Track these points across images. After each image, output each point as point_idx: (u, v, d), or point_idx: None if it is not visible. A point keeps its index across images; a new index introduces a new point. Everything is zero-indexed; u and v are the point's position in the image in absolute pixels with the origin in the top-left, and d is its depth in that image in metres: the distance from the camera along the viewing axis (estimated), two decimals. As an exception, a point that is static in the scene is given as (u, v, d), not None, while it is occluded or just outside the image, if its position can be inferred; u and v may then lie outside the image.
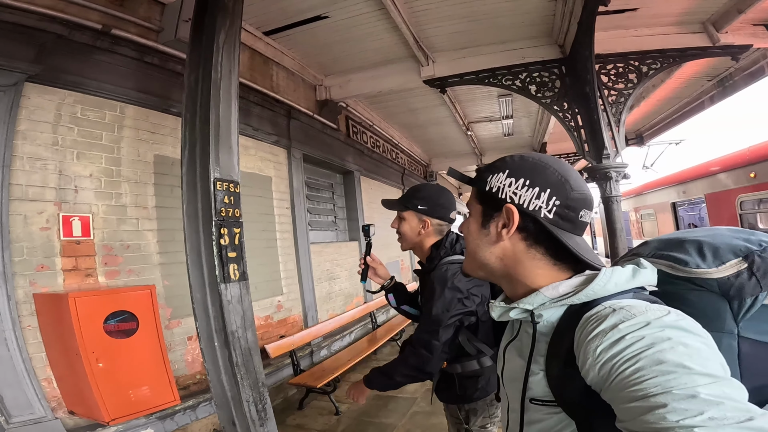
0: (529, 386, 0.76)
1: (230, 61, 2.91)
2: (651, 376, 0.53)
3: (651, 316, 0.61)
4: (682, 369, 0.52)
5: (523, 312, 0.78)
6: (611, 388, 0.58)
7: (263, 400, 2.72)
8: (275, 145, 5.44)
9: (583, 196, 0.78)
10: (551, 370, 0.73)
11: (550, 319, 0.76)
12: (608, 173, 5.08)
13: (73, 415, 2.87)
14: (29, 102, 2.94)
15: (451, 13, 5.20)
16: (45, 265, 2.89)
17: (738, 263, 0.73)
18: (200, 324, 2.61)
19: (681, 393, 0.49)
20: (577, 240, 0.78)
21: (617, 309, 0.65)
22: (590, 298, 0.71)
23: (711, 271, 0.74)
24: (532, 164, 0.80)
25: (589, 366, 0.62)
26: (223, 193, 2.65)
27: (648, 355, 0.55)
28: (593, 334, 0.63)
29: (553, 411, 0.73)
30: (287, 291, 5.31)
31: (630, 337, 0.59)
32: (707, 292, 0.74)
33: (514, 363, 0.84)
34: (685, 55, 5.71)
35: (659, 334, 0.57)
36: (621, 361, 0.58)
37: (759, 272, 0.72)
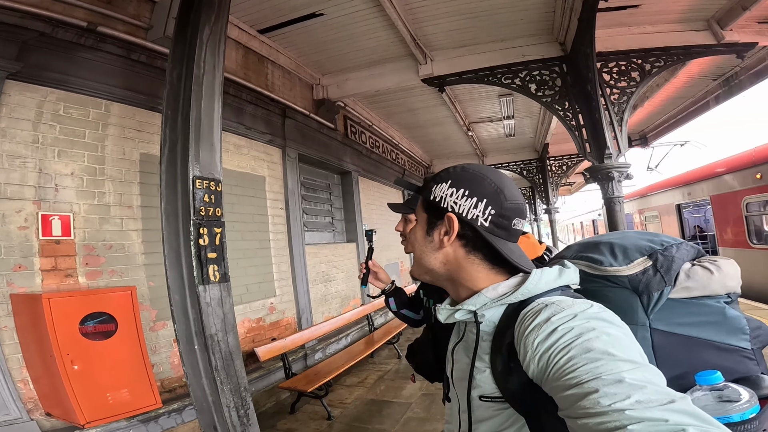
0: (477, 384, 0.79)
1: (214, 57, 2.84)
2: (582, 364, 0.57)
3: (577, 309, 0.67)
4: (608, 356, 0.56)
5: (467, 313, 0.82)
6: (549, 378, 0.62)
7: (245, 406, 2.63)
8: (269, 144, 5.36)
9: (516, 205, 0.83)
10: (496, 366, 0.76)
11: (491, 319, 0.80)
12: (610, 173, 4.95)
13: (50, 416, 2.80)
14: (10, 99, 2.89)
15: (449, 10, 5.12)
16: (23, 265, 2.83)
17: (644, 261, 0.85)
18: (179, 327, 2.53)
19: (609, 378, 0.53)
20: (511, 246, 0.84)
21: (549, 304, 0.70)
22: (525, 296, 0.76)
23: (622, 268, 0.85)
24: (472, 175, 0.85)
25: (529, 358, 0.66)
26: (203, 192, 2.57)
27: (578, 344, 0.60)
28: (530, 328, 0.68)
29: (501, 407, 0.76)
30: (280, 293, 5.22)
31: (561, 329, 0.64)
32: (621, 288, 0.85)
33: (462, 363, 0.87)
34: (689, 52, 5.60)
35: (585, 324, 0.63)
36: (555, 351, 0.62)
37: (662, 269, 0.82)
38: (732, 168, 8.22)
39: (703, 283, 0.82)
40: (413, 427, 3.93)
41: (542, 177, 12.29)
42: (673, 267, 0.83)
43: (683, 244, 0.90)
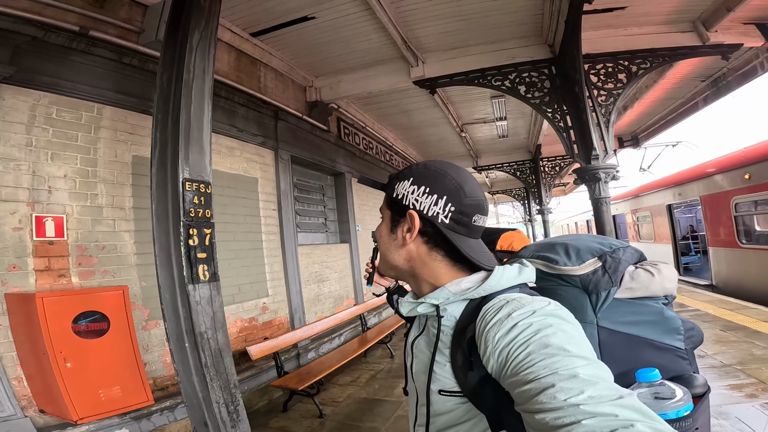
0: (436, 377, 0.80)
1: (204, 61, 2.89)
2: (539, 359, 0.59)
3: (536, 306, 0.69)
4: (564, 352, 0.59)
5: (429, 306, 0.84)
6: (508, 373, 0.64)
7: (235, 402, 2.69)
8: (261, 146, 5.42)
9: (476, 202, 0.84)
10: (456, 361, 0.77)
11: (453, 313, 0.81)
12: (597, 174, 5.03)
13: (44, 413, 2.86)
14: (3, 103, 2.94)
15: (439, 13, 5.18)
16: (17, 265, 2.88)
17: (594, 262, 0.89)
18: (169, 325, 2.59)
19: (564, 373, 0.55)
20: (471, 243, 0.85)
21: (510, 300, 0.73)
22: (487, 292, 0.78)
23: (575, 268, 0.89)
24: (433, 172, 0.86)
25: (489, 353, 0.68)
26: (192, 194, 2.63)
27: (536, 340, 0.62)
28: (492, 323, 0.70)
29: (460, 401, 0.77)
30: (273, 293, 5.28)
31: (521, 324, 0.66)
32: (572, 287, 0.89)
33: (422, 356, 0.88)
34: (675, 54, 5.68)
35: (543, 320, 0.66)
36: (515, 346, 0.64)
37: (610, 269, 0.87)
38: (721, 168, 8.31)
39: (645, 284, 0.88)
40: (403, 425, 3.99)
41: (535, 178, 12.38)
42: (620, 268, 0.88)
43: (629, 248, 0.95)
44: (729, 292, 8.10)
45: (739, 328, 5.40)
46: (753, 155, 7.41)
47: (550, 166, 12.34)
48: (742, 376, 3.85)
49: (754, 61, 6.93)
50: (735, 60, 7.00)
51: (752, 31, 5.73)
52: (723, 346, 4.75)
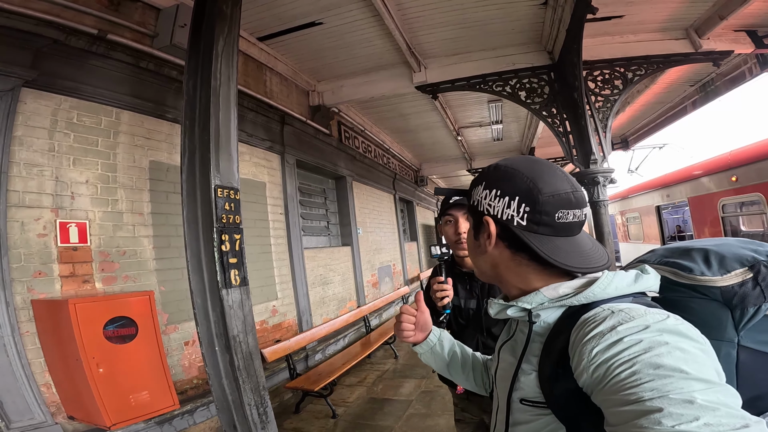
0: (520, 386, 0.76)
1: (229, 69, 2.94)
2: (647, 380, 0.53)
3: (650, 320, 0.61)
4: (679, 373, 0.52)
5: (520, 311, 0.79)
6: (604, 390, 0.58)
7: (264, 404, 2.75)
8: (269, 150, 5.47)
9: (555, 197, 0.76)
10: (543, 370, 0.72)
11: (547, 320, 0.76)
12: (596, 178, 5.20)
13: (73, 420, 2.86)
14: (26, 107, 2.94)
15: (444, 20, 5.29)
16: (42, 271, 2.88)
17: (744, 272, 0.75)
18: (201, 329, 2.63)
19: (677, 398, 0.49)
20: (559, 243, 0.77)
21: (616, 311, 0.65)
22: (589, 300, 0.71)
23: (716, 279, 0.76)
24: (503, 173, 0.81)
25: (584, 367, 0.62)
26: (224, 200, 2.68)
27: (645, 359, 0.55)
28: (590, 335, 0.63)
29: (541, 413, 0.72)
30: (282, 296, 5.32)
31: (628, 340, 0.59)
32: (709, 300, 0.76)
33: (507, 362, 0.85)
34: (669, 61, 5.85)
35: (657, 338, 0.57)
36: (617, 363, 0.57)
37: (764, 282, 0.73)
38: (708, 171, 8.54)
39: None
40: (416, 423, 4.08)
41: (528, 180, 12.57)
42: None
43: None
44: (717, 290, 8.36)
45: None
46: (739, 158, 7.65)
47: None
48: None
49: (742, 67, 7.12)
50: (724, 65, 7.18)
51: (743, 38, 5.90)
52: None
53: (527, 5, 5.07)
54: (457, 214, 1.80)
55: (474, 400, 1.92)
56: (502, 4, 5.03)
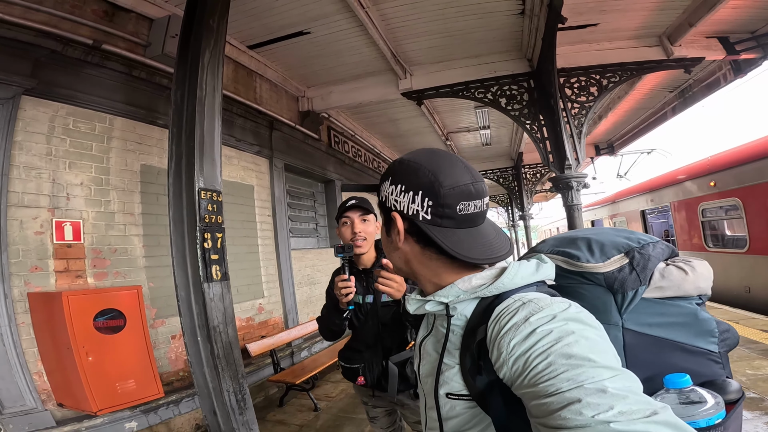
0: (445, 380, 0.77)
1: (214, 79, 3.14)
2: (562, 371, 0.55)
3: (556, 309, 0.64)
4: (588, 362, 0.54)
5: (438, 305, 0.79)
6: (524, 384, 0.59)
7: (242, 391, 2.94)
8: (257, 155, 5.69)
9: (456, 189, 0.76)
10: (465, 364, 0.73)
11: (464, 312, 0.77)
12: (569, 183, 5.41)
13: (62, 407, 3.06)
14: (25, 114, 3.16)
15: (427, 29, 5.48)
16: (39, 266, 3.10)
17: (621, 258, 0.82)
18: (185, 320, 2.83)
19: (591, 387, 0.51)
20: (462, 235, 0.78)
21: (526, 302, 0.67)
22: (500, 291, 0.73)
23: (599, 265, 0.82)
24: (407, 167, 0.81)
25: (503, 360, 0.64)
26: (206, 202, 2.89)
27: (557, 350, 0.57)
28: (506, 328, 0.65)
29: (468, 405, 0.73)
30: (268, 294, 5.53)
31: (540, 331, 0.61)
32: (595, 285, 0.83)
33: (429, 358, 0.85)
34: (642, 68, 6.02)
35: (564, 327, 0.60)
36: (533, 355, 0.59)
37: (638, 267, 0.80)
38: (690, 176, 8.73)
39: (677, 283, 0.81)
40: (394, 416, 4.27)
41: (518, 184, 12.80)
42: (649, 266, 0.82)
43: (659, 243, 0.87)
44: (696, 292, 8.57)
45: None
46: (718, 163, 7.85)
47: (531, 173, 12.81)
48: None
49: (717, 73, 7.28)
50: (700, 72, 7.36)
51: (714, 44, 6.07)
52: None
53: (506, 15, 5.25)
54: (353, 216, 1.96)
55: (382, 395, 2.03)
56: (481, 14, 5.21)
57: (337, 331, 2.03)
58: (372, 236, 2.02)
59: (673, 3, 5.26)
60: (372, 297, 2.00)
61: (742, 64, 6.46)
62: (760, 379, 3.85)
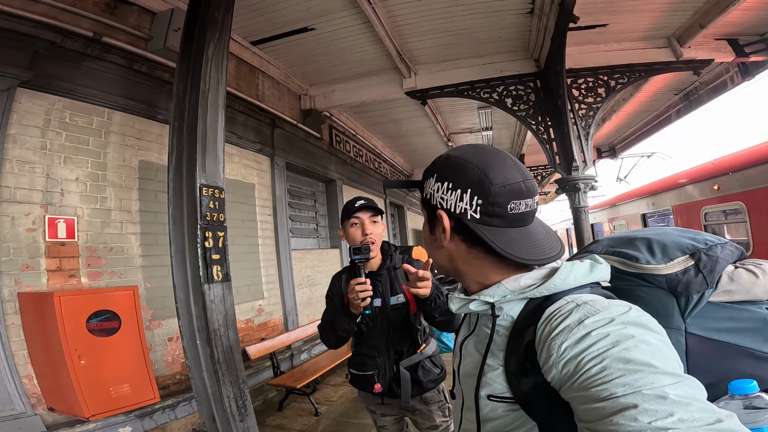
0: (487, 382, 0.74)
1: (218, 72, 3.04)
2: (618, 375, 0.52)
3: (614, 312, 0.61)
4: (648, 368, 0.52)
5: (483, 304, 0.77)
6: (574, 386, 0.57)
7: (243, 397, 2.82)
8: (259, 153, 5.58)
9: (507, 188, 0.74)
10: (510, 365, 0.71)
11: (510, 313, 0.75)
12: (577, 185, 5.34)
13: (53, 411, 2.93)
14: (20, 107, 3.04)
15: (433, 28, 5.41)
16: (30, 265, 2.97)
17: (685, 260, 0.78)
18: (183, 323, 2.72)
19: (650, 393, 0.49)
20: (513, 234, 0.75)
21: (580, 304, 0.65)
22: (551, 292, 0.71)
23: (660, 267, 0.78)
24: (453, 164, 0.79)
25: (553, 363, 0.62)
26: (208, 199, 2.77)
27: (614, 354, 0.55)
28: (558, 330, 0.63)
29: (511, 408, 0.71)
30: (268, 295, 5.41)
31: (595, 334, 0.59)
32: (656, 288, 0.78)
33: (471, 358, 0.82)
34: (651, 69, 5.97)
35: (623, 331, 0.58)
36: (587, 358, 0.57)
37: (705, 269, 0.76)
38: (692, 179, 8.68)
39: (747, 287, 0.77)
40: (397, 421, 4.16)
41: (518, 186, 12.72)
42: (717, 268, 0.78)
43: (728, 244, 0.83)
44: (699, 297, 8.52)
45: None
46: (722, 167, 7.80)
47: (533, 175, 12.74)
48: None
49: (724, 76, 7.21)
50: (706, 74, 7.29)
51: (723, 46, 6.01)
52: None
53: (513, 14, 5.17)
54: (363, 217, 1.90)
55: (391, 401, 1.94)
56: (488, 12, 5.13)
57: (344, 338, 1.93)
58: (380, 238, 1.95)
59: (685, 4, 5.20)
60: (380, 300, 1.90)
61: (750, 67, 6.41)
62: None
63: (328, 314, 1.99)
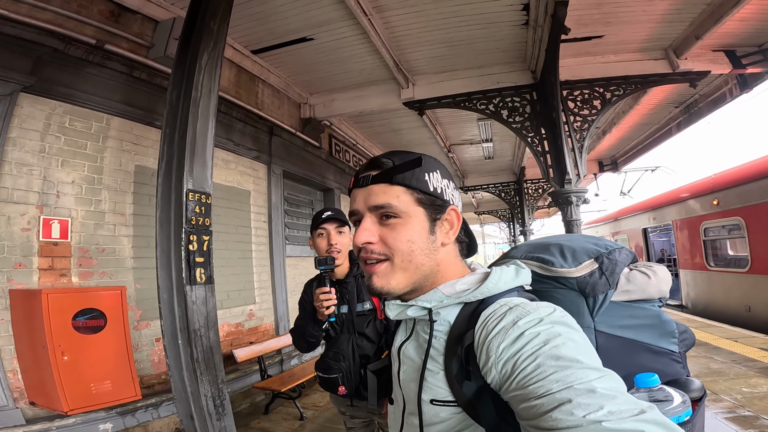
0: (429, 386, 0.75)
1: (211, 81, 3.14)
2: (551, 372, 0.56)
3: (543, 313, 0.66)
4: (577, 363, 0.56)
5: (420, 310, 0.78)
6: (513, 386, 0.60)
7: (221, 396, 2.88)
8: (255, 160, 5.68)
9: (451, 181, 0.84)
10: (450, 370, 0.72)
11: (447, 318, 0.77)
12: (569, 198, 5.34)
13: (34, 405, 3.01)
14: (22, 111, 3.17)
15: (430, 39, 5.46)
16: (23, 263, 3.08)
17: (591, 264, 0.86)
18: (165, 322, 2.79)
19: (581, 388, 0.52)
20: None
21: (513, 307, 0.69)
22: (485, 296, 0.74)
23: (572, 270, 0.85)
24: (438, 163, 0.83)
25: (492, 364, 0.64)
26: (194, 204, 2.86)
27: (545, 351, 0.59)
28: (495, 332, 0.66)
29: (453, 411, 0.72)
30: (260, 300, 5.49)
31: (528, 334, 0.62)
32: (569, 290, 0.86)
33: (412, 363, 0.83)
34: (647, 81, 5.92)
35: (551, 330, 0.62)
36: (522, 357, 0.60)
37: (607, 271, 0.84)
38: (692, 194, 8.65)
39: (641, 286, 0.86)
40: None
41: (519, 199, 12.72)
42: (617, 270, 0.85)
43: (624, 249, 0.92)
44: (697, 311, 8.49)
45: (700, 344, 5.72)
46: (721, 182, 7.77)
47: (534, 188, 12.70)
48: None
49: (723, 88, 7.13)
50: (706, 86, 7.22)
51: (720, 58, 5.95)
52: (683, 362, 5.05)
53: (509, 25, 5.21)
54: (329, 228, 1.98)
55: (360, 404, 2.00)
56: (485, 24, 5.17)
57: (314, 343, 2.04)
58: (347, 248, 2.03)
59: (680, 15, 5.17)
60: (347, 307, 1.99)
61: (748, 79, 6.34)
62: (756, 397, 3.74)
63: (300, 320, 2.09)
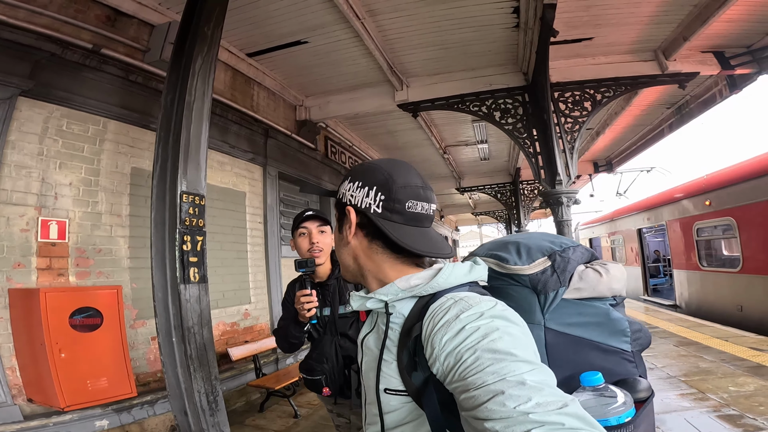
0: (384, 376, 0.79)
1: (204, 85, 3.21)
2: (488, 365, 0.59)
3: (483, 307, 0.69)
4: (510, 356, 0.59)
5: (378, 302, 0.83)
6: (455, 377, 0.63)
7: (215, 392, 2.95)
8: (251, 162, 5.76)
9: (406, 189, 0.84)
10: (402, 360, 0.76)
11: (402, 311, 0.81)
12: (560, 198, 5.41)
13: (31, 402, 3.08)
14: (20, 114, 3.25)
15: (423, 41, 5.53)
16: (21, 263, 3.16)
17: (544, 261, 0.88)
18: (160, 320, 2.87)
19: (512, 380, 0.55)
20: (408, 230, 0.83)
21: (457, 300, 0.72)
22: (435, 290, 0.78)
23: (525, 267, 0.88)
24: (366, 168, 0.88)
25: (436, 355, 0.68)
26: (188, 205, 2.94)
27: (483, 345, 0.62)
28: (439, 325, 0.69)
29: (404, 401, 0.76)
30: (255, 300, 5.57)
31: (468, 327, 0.65)
32: (522, 287, 0.89)
33: (371, 354, 0.87)
34: (637, 82, 5.99)
35: (490, 324, 0.65)
36: (463, 350, 0.63)
37: (559, 269, 0.87)
38: (685, 195, 8.71)
39: (592, 284, 0.87)
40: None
41: (515, 200, 12.78)
42: (569, 268, 0.88)
43: (579, 247, 0.94)
44: (690, 311, 8.55)
45: (691, 343, 5.80)
46: (713, 182, 7.83)
47: (529, 189, 12.74)
48: (684, 387, 4.17)
49: (713, 89, 7.17)
50: (696, 88, 7.28)
51: (709, 59, 6.01)
52: (672, 359, 5.13)
53: (501, 28, 5.28)
54: (310, 227, 1.98)
55: (343, 402, 2.01)
56: (477, 27, 5.24)
57: (296, 344, 2.03)
58: (329, 248, 2.02)
59: (668, 17, 5.24)
60: (329, 309, 1.99)
61: (737, 80, 6.39)
62: (742, 396, 3.79)
63: (283, 321, 2.09)
